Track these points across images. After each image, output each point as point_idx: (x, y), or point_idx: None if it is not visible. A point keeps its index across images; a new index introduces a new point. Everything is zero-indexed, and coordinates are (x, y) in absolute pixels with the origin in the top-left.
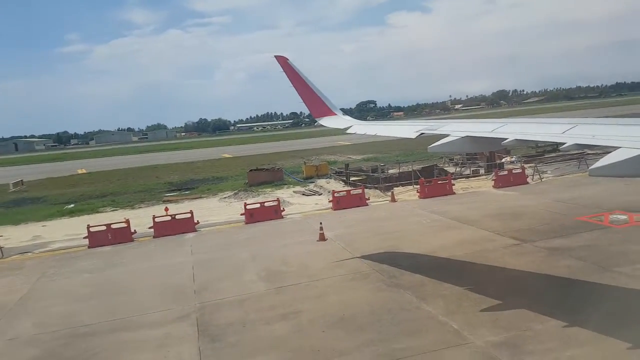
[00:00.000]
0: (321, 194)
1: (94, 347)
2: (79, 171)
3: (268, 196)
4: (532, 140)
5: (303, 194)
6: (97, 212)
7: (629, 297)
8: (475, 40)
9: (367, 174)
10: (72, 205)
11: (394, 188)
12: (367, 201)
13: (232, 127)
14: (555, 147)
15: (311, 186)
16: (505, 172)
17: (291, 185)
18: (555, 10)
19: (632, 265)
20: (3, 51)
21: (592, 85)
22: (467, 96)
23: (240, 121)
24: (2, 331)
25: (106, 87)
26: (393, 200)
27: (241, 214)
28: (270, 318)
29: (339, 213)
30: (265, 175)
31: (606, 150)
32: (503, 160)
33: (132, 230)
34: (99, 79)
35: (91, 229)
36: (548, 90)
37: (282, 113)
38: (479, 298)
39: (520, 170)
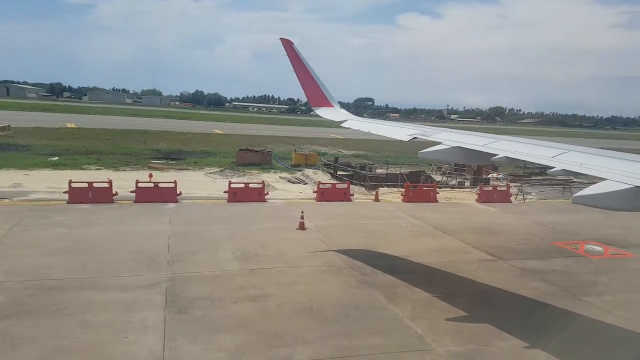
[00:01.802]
0: (307, 183)
1: (60, 302)
2: (68, 125)
3: (254, 178)
4: (521, 160)
5: (289, 181)
6: (81, 168)
7: (591, 327)
8: (480, 52)
9: (355, 170)
10: (56, 158)
11: (379, 188)
12: (351, 197)
13: (228, 104)
14: (542, 170)
15: (298, 174)
16: (490, 188)
17: (278, 171)
18: (563, 36)
19: (600, 297)
20: None
21: (587, 115)
22: (464, 108)
23: (237, 99)
24: None
25: (106, 44)
26: (377, 199)
27: (224, 192)
28: (239, 298)
29: (322, 205)
30: (254, 156)
31: (592, 180)
32: (490, 176)
33: (114, 192)
34: (99, 35)
35: (73, 185)
36: (544, 113)
37: (279, 97)
38: (447, 307)
39: (505, 188)
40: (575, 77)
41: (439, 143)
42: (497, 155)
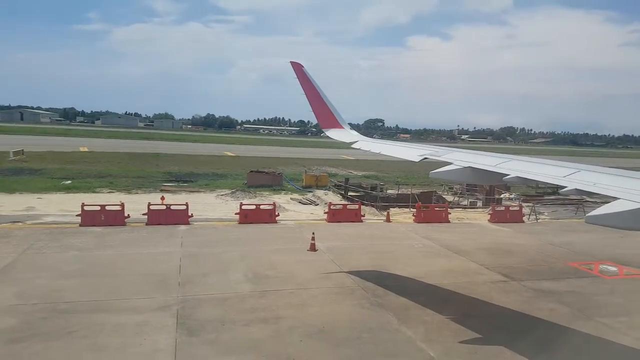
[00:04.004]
0: (318, 204)
1: (72, 324)
2: (81, 149)
3: (265, 199)
4: (533, 180)
5: (300, 202)
6: (94, 191)
7: (608, 349)
8: (490, 73)
9: (366, 190)
10: (69, 182)
11: (391, 208)
12: (362, 218)
13: (239, 127)
14: (555, 189)
15: (309, 195)
16: (503, 208)
17: (289, 192)
18: (573, 55)
19: (615, 317)
20: (22, 22)
21: (599, 134)
22: (474, 128)
23: (247, 122)
24: None
25: (119, 70)
26: (388, 220)
27: (236, 213)
28: (250, 320)
29: (333, 226)
30: (265, 178)
31: (605, 199)
32: (502, 196)
33: (126, 215)
34: (113, 61)
35: (85, 208)
36: (555, 132)
37: (289, 119)
38: (460, 329)
39: (518, 208)
40: (586, 96)
41: (450, 163)
42: (508, 175)
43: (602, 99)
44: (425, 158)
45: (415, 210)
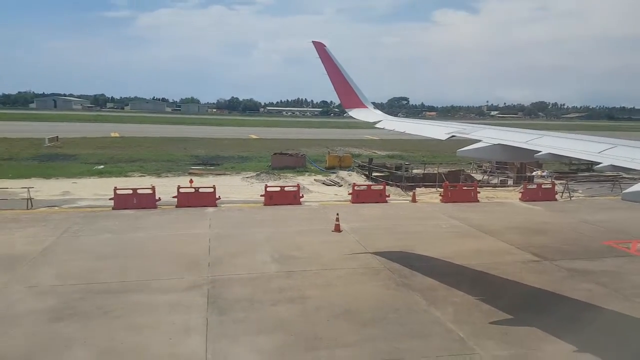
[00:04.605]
0: (341, 185)
1: (108, 304)
2: (112, 134)
3: (289, 181)
4: (566, 156)
5: (323, 183)
6: (126, 175)
7: None
8: (520, 46)
9: (391, 170)
10: (102, 166)
11: (417, 188)
12: (387, 198)
13: (262, 109)
14: (589, 166)
15: (332, 176)
16: (534, 186)
17: (313, 173)
18: (608, 25)
19: None
20: (52, 11)
21: (637, 108)
22: (504, 103)
23: (271, 104)
24: (24, 278)
25: (146, 55)
26: (414, 200)
27: (261, 195)
28: (277, 300)
29: (357, 206)
30: (289, 160)
31: None
32: (534, 173)
33: (157, 198)
34: (139, 46)
35: (118, 192)
36: (590, 107)
37: (312, 100)
38: (490, 310)
39: (550, 186)
40: (624, 67)
41: (479, 141)
42: (540, 152)
43: (637, 69)
44: (453, 136)
45: (442, 189)
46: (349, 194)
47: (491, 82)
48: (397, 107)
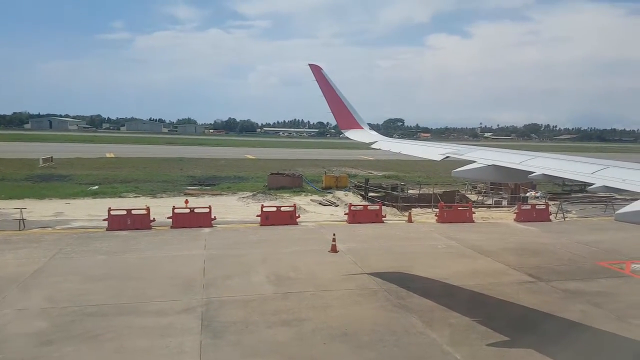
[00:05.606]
0: (338, 205)
1: (100, 327)
2: (108, 155)
3: (285, 201)
4: (560, 177)
5: (320, 203)
6: (120, 196)
7: None
8: (512, 69)
9: (387, 191)
10: (96, 187)
11: (412, 209)
12: (383, 218)
13: (259, 130)
14: (582, 187)
15: (329, 196)
16: (529, 207)
17: (309, 193)
18: (598, 49)
19: None
20: (50, 32)
21: (627, 129)
22: (497, 125)
23: (267, 125)
24: (13, 300)
25: (143, 76)
26: (410, 220)
27: (257, 215)
28: (273, 322)
29: (354, 227)
30: (285, 180)
31: (635, 196)
32: (528, 194)
33: (151, 218)
34: (137, 67)
35: (112, 212)
36: (581, 128)
37: (309, 121)
38: (487, 332)
39: (544, 207)
40: (613, 90)
41: (473, 162)
42: (534, 172)
43: (629, 93)
44: (447, 157)
45: (437, 210)
46: (345, 214)
47: (484, 105)
48: (392, 128)
